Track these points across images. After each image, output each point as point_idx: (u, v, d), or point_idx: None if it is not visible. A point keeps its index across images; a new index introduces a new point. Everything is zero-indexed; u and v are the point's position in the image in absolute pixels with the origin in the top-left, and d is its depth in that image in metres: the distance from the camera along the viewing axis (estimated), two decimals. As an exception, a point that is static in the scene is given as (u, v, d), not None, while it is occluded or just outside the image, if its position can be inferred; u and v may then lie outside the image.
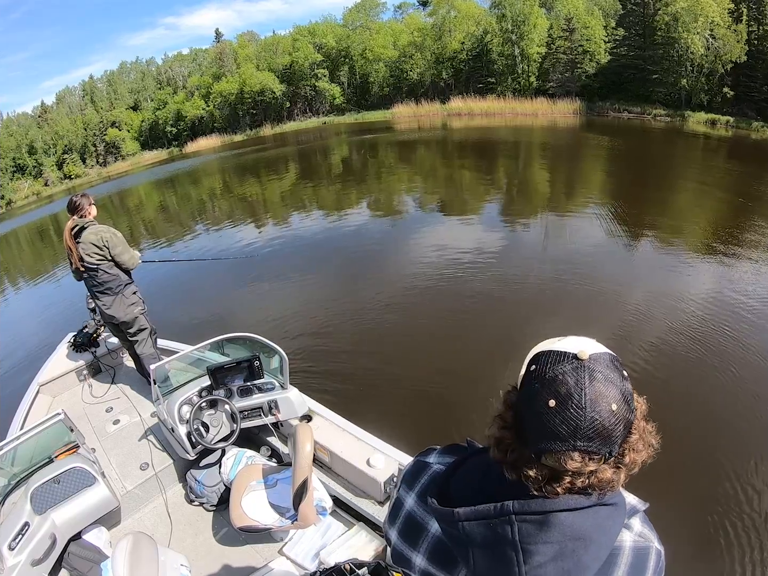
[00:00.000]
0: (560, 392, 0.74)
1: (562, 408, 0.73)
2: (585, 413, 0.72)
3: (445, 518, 0.85)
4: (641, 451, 0.80)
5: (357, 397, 4.92)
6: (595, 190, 13.48)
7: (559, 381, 0.75)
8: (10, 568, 2.41)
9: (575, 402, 0.72)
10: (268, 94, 41.02)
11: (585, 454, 0.73)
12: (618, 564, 0.81)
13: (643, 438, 0.80)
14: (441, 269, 8.15)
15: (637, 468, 0.81)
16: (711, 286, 6.89)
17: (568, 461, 0.74)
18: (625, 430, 0.76)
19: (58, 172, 44.50)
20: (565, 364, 0.76)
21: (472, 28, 35.50)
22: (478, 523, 0.80)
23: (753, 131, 21.21)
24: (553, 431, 0.73)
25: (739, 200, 11.41)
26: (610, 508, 0.80)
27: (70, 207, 3.83)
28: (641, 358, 5.17)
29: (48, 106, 48.10)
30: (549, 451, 0.75)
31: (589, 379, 0.74)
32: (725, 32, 23.36)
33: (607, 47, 30.25)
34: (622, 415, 0.75)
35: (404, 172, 18.44)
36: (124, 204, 22.24)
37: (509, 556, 0.77)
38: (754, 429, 4.18)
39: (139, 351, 4.13)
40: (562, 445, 0.73)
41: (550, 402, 0.74)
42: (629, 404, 0.76)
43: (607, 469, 0.77)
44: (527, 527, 0.77)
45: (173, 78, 48.82)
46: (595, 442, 0.73)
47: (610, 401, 0.73)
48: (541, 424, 0.75)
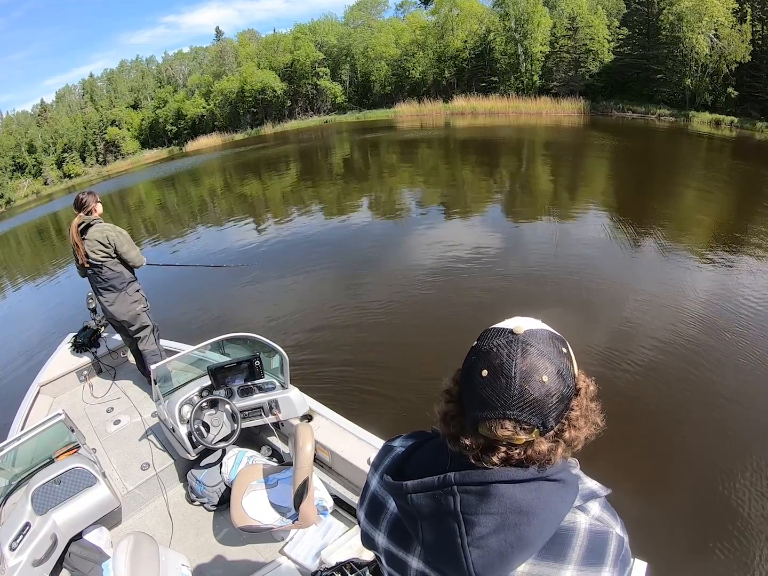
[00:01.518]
0: (493, 363, 0.78)
1: (493, 378, 0.77)
2: (514, 383, 0.76)
3: (396, 492, 0.87)
4: (582, 428, 0.82)
5: (358, 397, 4.91)
6: (600, 190, 13.44)
7: (493, 353, 0.79)
8: (11, 568, 2.42)
9: (506, 372, 0.76)
10: (269, 93, 40.82)
11: (516, 423, 0.76)
12: (572, 545, 0.81)
13: (586, 416, 0.83)
14: (444, 269, 8.14)
15: (579, 445, 0.83)
16: (714, 285, 6.88)
17: (498, 429, 0.77)
18: (562, 404, 0.79)
19: (57, 171, 44.45)
20: (501, 338, 0.81)
21: (474, 26, 35.36)
22: (425, 494, 0.82)
23: (757, 131, 21.10)
24: (485, 400, 0.77)
25: (746, 200, 11.38)
26: (555, 484, 0.81)
27: (77, 204, 3.86)
28: (646, 354, 5.18)
29: (48, 105, 48.07)
30: (482, 419, 0.78)
31: (522, 351, 0.78)
32: (730, 32, 23.26)
33: (610, 46, 30.12)
34: (555, 389, 0.77)
35: (408, 172, 18.43)
36: (124, 203, 22.24)
37: (452, 527, 0.79)
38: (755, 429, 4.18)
39: (142, 348, 4.14)
40: (494, 413, 0.77)
41: (484, 372, 0.78)
42: (564, 379, 0.79)
43: (544, 442, 0.79)
44: (468, 498, 0.79)
45: (174, 76, 48.75)
46: (525, 412, 0.76)
47: (541, 374, 0.76)
48: (475, 394, 0.79)
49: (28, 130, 45.06)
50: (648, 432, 4.23)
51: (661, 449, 4.05)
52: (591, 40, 30.02)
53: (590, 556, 0.81)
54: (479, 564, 0.77)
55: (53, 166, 44.42)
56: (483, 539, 0.77)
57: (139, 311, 4.03)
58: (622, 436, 4.22)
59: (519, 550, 0.77)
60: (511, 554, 0.77)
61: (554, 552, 0.80)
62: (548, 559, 0.80)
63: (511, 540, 0.77)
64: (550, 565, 0.80)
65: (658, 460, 3.93)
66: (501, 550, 0.77)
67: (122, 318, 3.99)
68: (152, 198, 22.96)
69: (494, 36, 33.71)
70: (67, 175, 44.09)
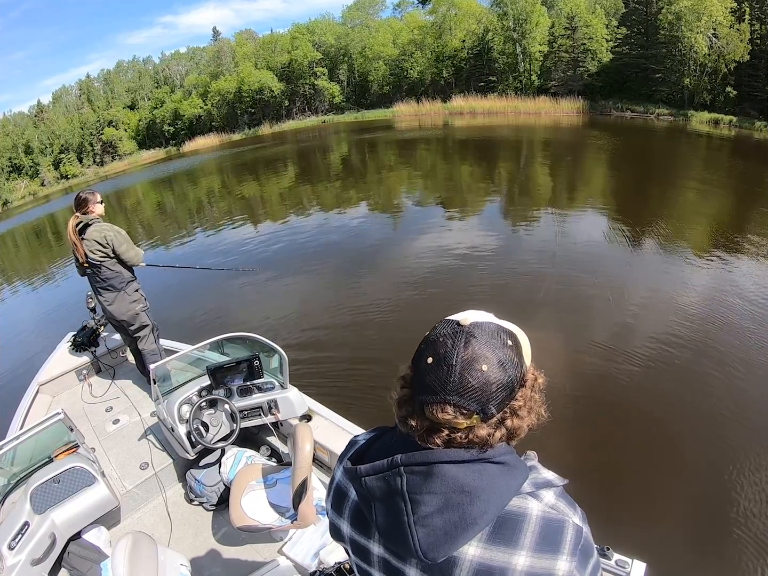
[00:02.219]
0: (438, 351, 0.83)
1: (436, 365, 0.83)
2: (455, 371, 0.80)
3: (352, 477, 0.91)
4: (524, 418, 0.86)
5: (357, 397, 4.91)
6: (599, 189, 13.45)
7: (439, 342, 0.84)
8: (9, 567, 2.42)
9: (447, 360, 0.81)
10: (266, 93, 40.74)
11: (456, 408, 0.81)
12: (523, 531, 0.82)
13: (529, 406, 0.87)
14: (443, 268, 8.15)
15: (522, 433, 0.87)
16: (711, 284, 6.90)
17: (440, 413, 0.81)
18: (503, 392, 0.83)
19: (54, 172, 44.34)
20: (447, 328, 0.86)
21: (473, 26, 35.33)
22: (377, 477, 0.86)
23: (756, 131, 21.12)
24: (429, 385, 0.83)
25: (744, 199, 11.40)
26: (498, 467, 0.84)
27: (76, 202, 3.88)
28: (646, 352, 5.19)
29: (44, 106, 47.91)
30: (426, 403, 0.83)
31: (465, 342, 0.82)
32: (728, 31, 23.28)
33: (609, 46, 30.16)
34: (495, 378, 0.81)
35: (407, 171, 18.43)
36: (121, 204, 22.18)
37: (400, 507, 0.83)
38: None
39: (142, 347, 4.14)
40: (436, 398, 0.82)
41: (429, 359, 0.84)
42: (506, 370, 0.83)
43: (484, 427, 0.83)
44: (414, 478, 0.83)
45: (171, 77, 48.61)
46: (464, 398, 0.80)
47: (481, 363, 0.81)
48: (421, 379, 0.84)
49: (24, 130, 44.88)
50: (646, 432, 4.23)
51: (659, 449, 4.05)
52: (589, 39, 30.02)
53: (544, 543, 0.82)
54: (425, 542, 0.80)
55: (50, 167, 44.29)
56: (428, 518, 0.81)
57: (138, 311, 4.02)
58: (621, 435, 4.24)
59: (462, 530, 0.80)
60: (455, 533, 0.80)
61: (505, 537, 0.82)
62: (499, 544, 0.82)
63: (455, 519, 0.80)
64: (501, 549, 0.81)
65: (657, 460, 3.93)
66: (446, 529, 0.80)
67: (121, 317, 3.98)
68: (150, 199, 22.88)
69: (492, 35, 33.69)
70: (64, 176, 43.97)
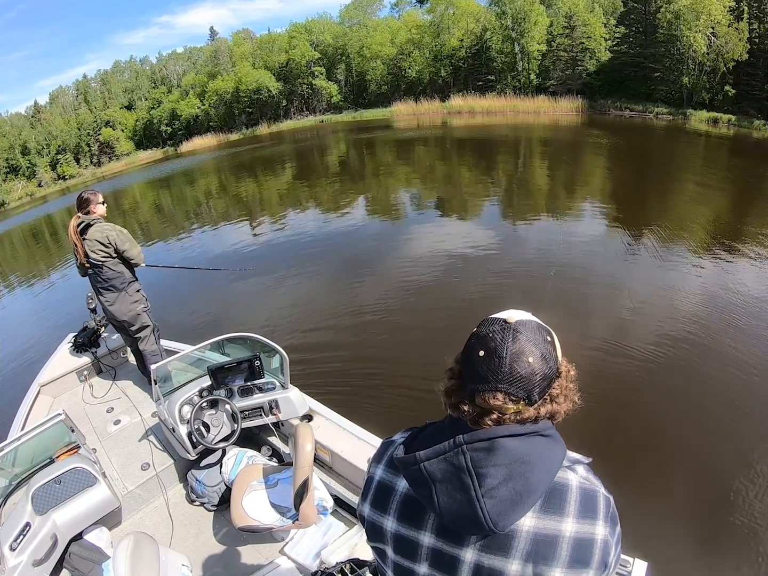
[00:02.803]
0: (489, 346, 0.93)
1: (488, 358, 0.92)
2: (505, 362, 0.90)
3: (409, 463, 0.96)
4: (562, 404, 0.96)
5: (358, 397, 4.92)
6: (599, 188, 13.47)
7: (489, 338, 0.94)
8: (11, 568, 2.41)
9: (498, 353, 0.91)
10: (264, 93, 40.62)
11: (506, 395, 0.90)
12: (568, 500, 0.92)
13: (565, 394, 0.97)
14: (442, 268, 8.16)
15: (560, 417, 0.97)
16: (711, 282, 6.93)
17: (491, 399, 0.91)
18: (545, 382, 0.93)
19: (51, 173, 44.12)
20: (495, 325, 0.95)
21: (471, 25, 35.32)
22: (437, 460, 0.92)
23: (755, 130, 21.15)
24: (481, 375, 0.92)
25: (741, 198, 11.42)
26: (546, 439, 0.94)
27: (78, 203, 3.89)
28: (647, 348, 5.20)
29: (41, 106, 47.78)
30: (478, 391, 0.92)
31: (512, 337, 0.92)
32: (727, 30, 23.28)
33: (607, 45, 30.17)
34: (539, 369, 0.92)
35: (405, 171, 18.42)
36: (119, 204, 22.08)
37: (466, 483, 0.89)
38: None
39: (142, 348, 4.14)
40: (488, 386, 0.91)
41: (480, 353, 0.93)
42: (547, 362, 0.93)
43: (529, 410, 0.93)
44: (477, 454, 0.90)
45: (168, 77, 48.51)
46: (513, 386, 0.90)
47: (527, 356, 0.91)
48: (473, 370, 0.94)
49: (21, 131, 44.68)
50: (647, 431, 4.24)
51: (660, 448, 4.06)
52: (588, 38, 30.03)
53: (584, 510, 0.92)
54: (494, 512, 0.86)
55: (47, 168, 44.10)
56: (494, 490, 0.87)
57: (139, 311, 4.02)
58: (620, 435, 4.24)
59: (526, 497, 0.88)
60: (520, 501, 0.87)
61: (554, 506, 0.92)
62: (550, 513, 0.91)
63: (519, 488, 0.87)
64: (552, 518, 0.91)
65: (657, 460, 3.94)
66: (512, 498, 0.87)
67: (123, 318, 3.98)
68: (147, 199, 22.75)
69: (491, 35, 33.70)
70: (62, 177, 43.79)
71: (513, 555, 0.90)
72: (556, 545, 0.90)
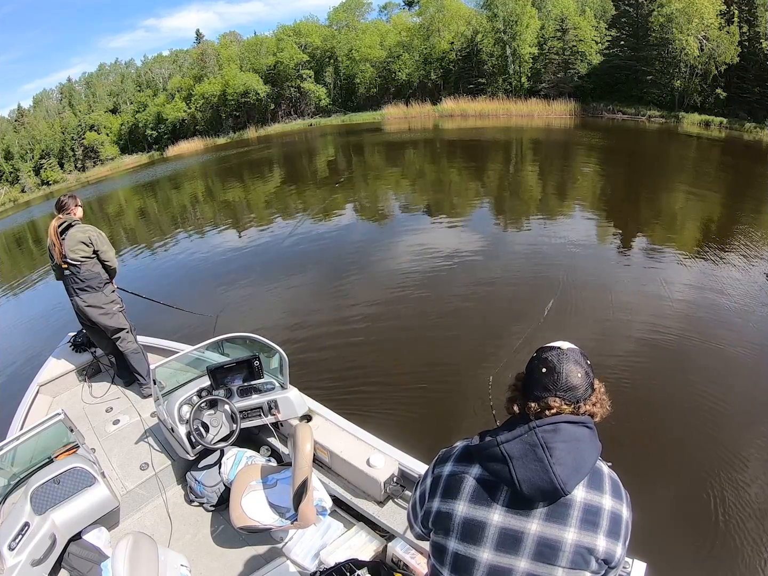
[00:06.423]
0: (549, 365, 1.26)
1: (549, 373, 1.25)
2: (561, 377, 1.24)
3: (489, 446, 1.24)
4: (598, 409, 1.28)
5: (357, 397, 4.92)
6: (591, 191, 13.57)
7: (549, 360, 1.27)
8: (10, 568, 2.41)
9: (557, 370, 1.25)
10: (251, 96, 39.87)
11: (561, 400, 1.23)
12: (605, 481, 1.24)
13: (600, 401, 1.29)
14: (439, 268, 8.20)
15: (597, 417, 1.28)
16: (697, 284, 7.05)
17: (551, 403, 1.23)
18: (587, 393, 1.26)
19: (35, 178, 43.00)
20: (552, 351, 1.29)
21: (462, 28, 35.14)
22: (515, 441, 1.21)
23: (746, 132, 21.41)
24: (544, 386, 1.25)
25: (733, 199, 11.55)
26: (590, 430, 1.24)
27: (57, 205, 4.01)
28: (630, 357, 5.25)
29: (25, 110, 46.75)
30: (542, 398, 1.24)
31: (565, 359, 1.26)
32: (719, 34, 23.50)
33: (598, 48, 30.29)
34: (585, 382, 1.25)
35: (395, 175, 18.35)
36: (103, 210, 21.71)
37: (539, 455, 1.17)
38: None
39: (123, 348, 4.15)
40: (548, 394, 1.24)
41: (543, 369, 1.26)
42: (589, 377, 1.27)
43: (578, 410, 1.25)
44: (546, 434, 1.19)
45: (153, 80, 47.53)
46: (567, 394, 1.23)
47: (576, 372, 1.25)
48: (537, 382, 1.26)
49: (4, 135, 43.71)
50: (646, 432, 4.27)
51: (659, 449, 4.09)
52: (579, 41, 30.13)
53: (615, 492, 1.24)
54: (563, 476, 1.14)
55: (30, 173, 43.01)
56: (562, 458, 1.16)
57: (116, 311, 4.09)
58: (620, 435, 4.27)
59: (584, 465, 1.18)
60: (580, 468, 1.17)
61: (596, 484, 1.22)
62: (594, 489, 1.21)
63: (578, 458, 1.18)
64: (596, 493, 1.21)
65: (656, 460, 3.97)
66: (575, 465, 1.17)
67: (98, 319, 4.01)
68: (132, 205, 22.15)
69: (482, 37, 33.58)
70: (45, 182, 42.64)
71: (570, 523, 1.17)
72: (600, 515, 1.18)
